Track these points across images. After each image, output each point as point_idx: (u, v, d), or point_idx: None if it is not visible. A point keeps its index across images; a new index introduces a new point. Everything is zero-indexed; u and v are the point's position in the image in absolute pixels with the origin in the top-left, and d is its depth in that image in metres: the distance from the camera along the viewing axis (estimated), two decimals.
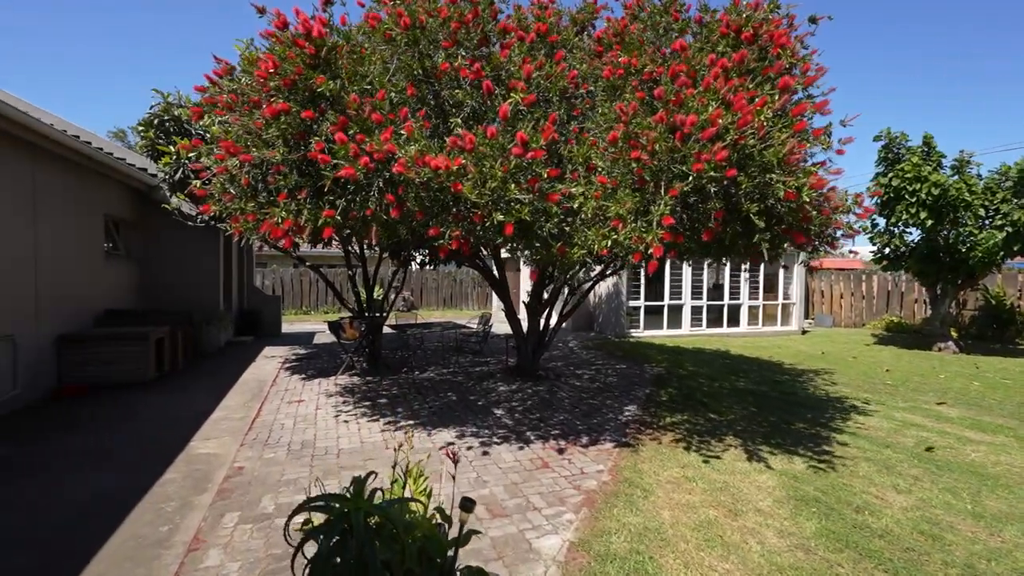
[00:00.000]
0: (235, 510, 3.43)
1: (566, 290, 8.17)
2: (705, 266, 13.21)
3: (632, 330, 12.86)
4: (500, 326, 11.99)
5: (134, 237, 9.10)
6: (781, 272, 14.08)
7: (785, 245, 4.29)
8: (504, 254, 7.34)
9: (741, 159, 3.15)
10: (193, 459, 4.34)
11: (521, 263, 14.20)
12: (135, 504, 3.49)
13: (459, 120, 4.28)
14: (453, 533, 2.04)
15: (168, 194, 7.99)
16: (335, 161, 3.72)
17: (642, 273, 12.54)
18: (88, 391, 6.40)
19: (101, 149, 7.04)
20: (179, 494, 3.67)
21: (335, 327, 7.38)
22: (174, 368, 7.68)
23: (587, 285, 8.00)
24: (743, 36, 3.74)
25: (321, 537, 1.42)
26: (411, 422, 5.44)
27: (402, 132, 3.94)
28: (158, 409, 5.75)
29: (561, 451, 4.66)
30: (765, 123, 3.08)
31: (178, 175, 6.42)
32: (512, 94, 3.95)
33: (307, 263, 8.77)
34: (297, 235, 4.24)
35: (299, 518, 1.58)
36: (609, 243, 3.82)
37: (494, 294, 20.45)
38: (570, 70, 4.44)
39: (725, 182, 3.18)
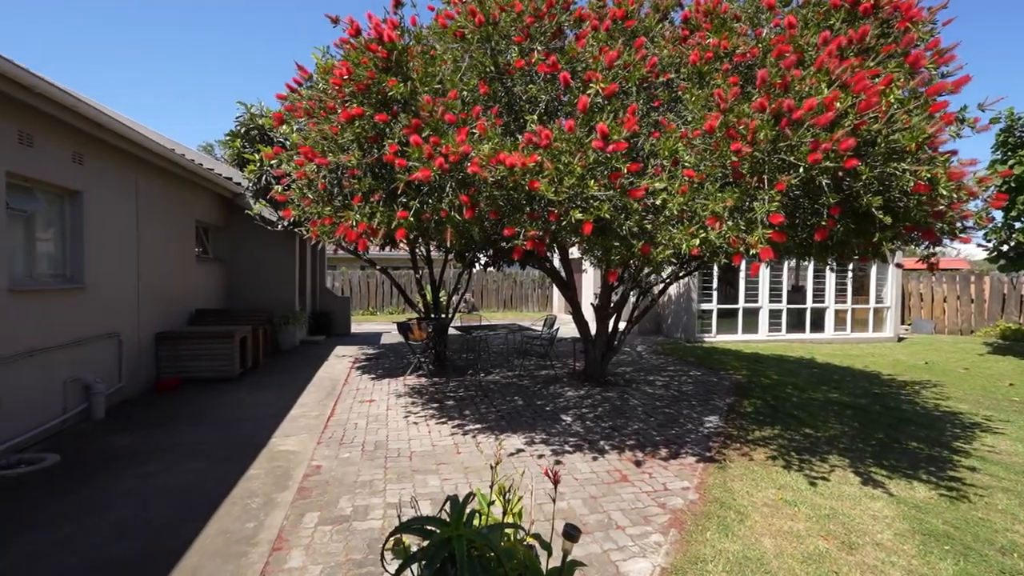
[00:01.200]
0: (315, 510, 3.46)
1: (634, 293, 7.81)
2: (785, 267, 12.28)
3: (704, 334, 12.17)
4: (564, 328, 11.75)
5: (221, 241, 9.73)
6: (873, 272, 12.83)
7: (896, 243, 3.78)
8: (575, 254, 7.11)
9: (861, 147, 2.75)
10: (275, 456, 4.46)
11: (586, 264, 13.89)
12: (223, 498, 3.61)
13: (533, 117, 4.12)
14: (547, 557, 1.87)
15: (252, 201, 8.45)
16: (409, 164, 3.67)
17: (714, 274, 11.85)
18: (181, 385, 6.85)
19: (193, 160, 7.55)
20: (263, 490, 3.77)
21: (403, 328, 7.47)
22: (255, 365, 8.10)
23: (659, 287, 7.60)
24: (860, 8, 3.30)
25: (421, 564, 1.29)
26: (479, 426, 5.35)
27: (475, 131, 3.84)
28: (242, 405, 6.04)
29: (639, 463, 4.37)
30: (892, 105, 2.67)
31: (262, 182, 6.74)
32: (591, 84, 3.74)
33: (376, 265, 8.98)
34: (370, 238, 4.25)
35: (373, 521, 1.47)
36: (698, 242, 3.51)
37: (556, 296, 20.25)
38: (650, 57, 4.16)
39: (840, 173, 2.79)
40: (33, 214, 4.82)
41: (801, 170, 2.77)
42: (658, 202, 3.80)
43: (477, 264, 9.25)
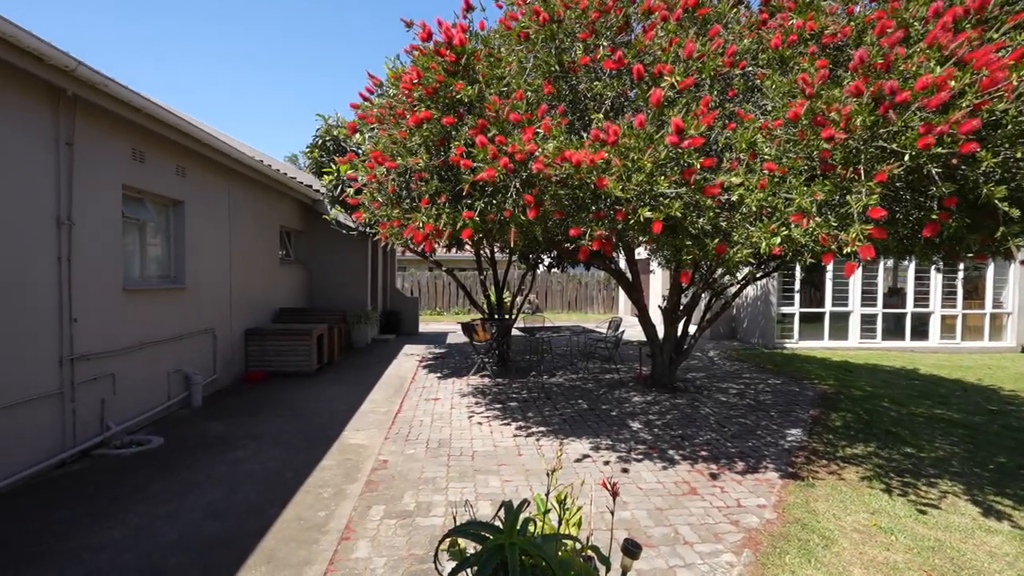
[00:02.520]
0: (381, 503, 3.56)
1: (705, 295, 7.41)
2: (880, 267, 11.15)
3: (784, 340, 11.33)
4: (629, 331, 11.41)
5: (302, 244, 10.41)
6: (990, 273, 11.32)
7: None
8: (641, 254, 6.87)
9: (981, 129, 2.40)
10: (345, 448, 4.67)
11: (653, 265, 13.42)
12: (299, 487, 3.83)
13: (599, 115, 4.01)
14: (605, 571, 1.78)
15: (328, 207, 8.97)
16: (475, 164, 3.70)
17: (797, 275, 11.00)
18: (266, 377, 7.39)
19: (278, 170, 8.14)
20: (334, 481, 3.95)
21: (468, 329, 7.58)
22: (331, 361, 8.57)
23: (733, 289, 7.16)
24: None
25: (474, 570, 1.26)
26: (542, 429, 5.29)
27: (539, 130, 3.80)
28: (318, 398, 6.40)
29: (711, 476, 4.11)
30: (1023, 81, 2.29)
31: (337, 190, 7.14)
32: (666, 77, 3.57)
33: (442, 267, 9.20)
34: (436, 239, 4.33)
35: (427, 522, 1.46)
36: (779, 240, 3.24)
37: (622, 298, 19.76)
38: (728, 46, 3.91)
39: (954, 160, 2.45)
40: (144, 222, 5.39)
41: (906, 158, 2.46)
42: (734, 198, 3.56)
43: (541, 265, 9.21)
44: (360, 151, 5.64)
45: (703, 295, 7.07)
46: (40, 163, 3.91)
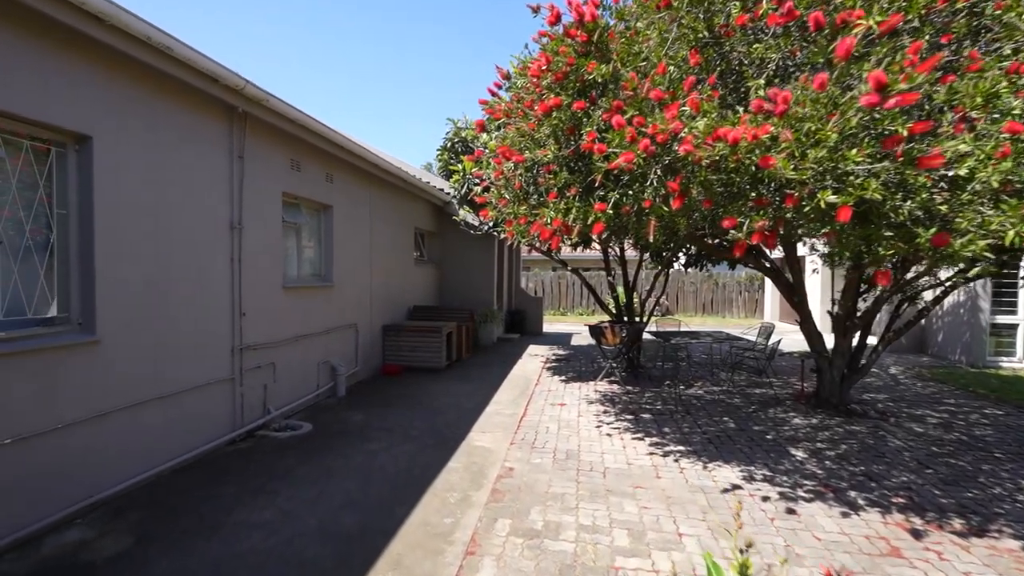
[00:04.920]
0: (507, 517, 3.35)
1: (891, 299, 6.03)
2: None
3: (999, 358, 8.95)
4: (780, 339, 9.95)
5: (433, 245, 10.91)
6: None
7: None
8: (802, 252, 5.83)
9: None
10: (471, 450, 4.59)
11: (809, 261, 11.59)
12: (427, 487, 3.79)
13: (759, 81, 3.34)
14: None
15: (457, 207, 9.22)
16: (609, 150, 3.30)
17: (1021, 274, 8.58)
18: (400, 371, 7.79)
19: (413, 175, 8.56)
20: (460, 486, 3.85)
21: (596, 332, 7.16)
22: (459, 358, 8.77)
23: (931, 293, 5.72)
24: None
25: None
26: (681, 448, 4.68)
27: (685, 108, 3.27)
28: (447, 395, 6.51)
29: (917, 534, 3.19)
30: None
31: (463, 190, 7.25)
32: (857, 23, 2.82)
33: (568, 266, 8.90)
34: (564, 235, 4.01)
35: None
36: None
37: (768, 300, 17.55)
38: None
39: None
40: (299, 226, 5.94)
41: None
42: (962, 172, 2.67)
43: (675, 264, 8.42)
44: (487, 149, 5.57)
45: (889, 300, 5.75)
46: (219, 175, 4.43)
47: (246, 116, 4.62)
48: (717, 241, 6.03)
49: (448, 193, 10.29)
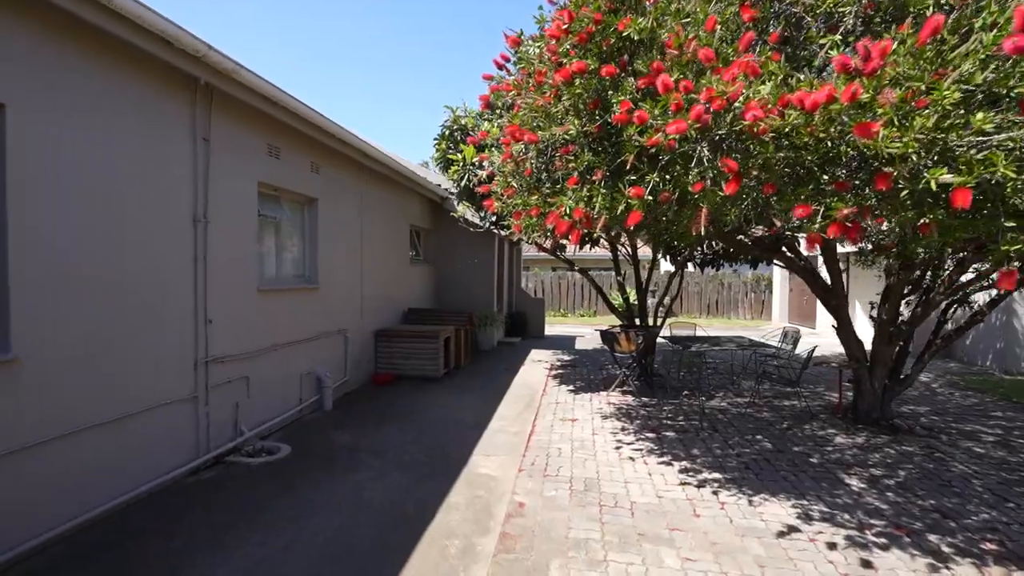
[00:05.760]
0: (520, 574, 2.72)
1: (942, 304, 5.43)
2: None
3: None
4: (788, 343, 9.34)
5: (429, 244, 10.25)
6: None
7: None
8: (844, 247, 5.24)
9: None
10: (474, 479, 3.95)
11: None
12: (422, 531, 3.15)
13: (835, 37, 2.72)
14: None
15: (455, 203, 8.57)
16: (651, 120, 2.67)
17: None
18: (393, 380, 7.13)
19: (408, 168, 7.90)
20: (462, 529, 3.21)
21: (608, 338, 6.54)
22: (457, 365, 8.12)
23: (983, 296, 5.14)
24: None
25: None
26: (717, 476, 4.06)
27: (737, 72, 2.64)
28: (445, 408, 5.86)
29: None
30: None
31: (463, 181, 6.62)
32: None
33: (575, 266, 8.27)
34: (586, 228, 3.38)
35: None
36: None
37: (775, 302, 16.93)
38: None
39: None
40: (279, 221, 5.28)
41: None
42: None
43: (691, 264, 7.80)
44: (492, 134, 4.93)
45: (937, 303, 5.16)
46: (179, 159, 3.77)
47: (212, 91, 3.97)
48: (748, 239, 5.42)
49: (446, 188, 9.66)
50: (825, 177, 2.71)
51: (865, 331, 6.41)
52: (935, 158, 2.29)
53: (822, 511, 3.48)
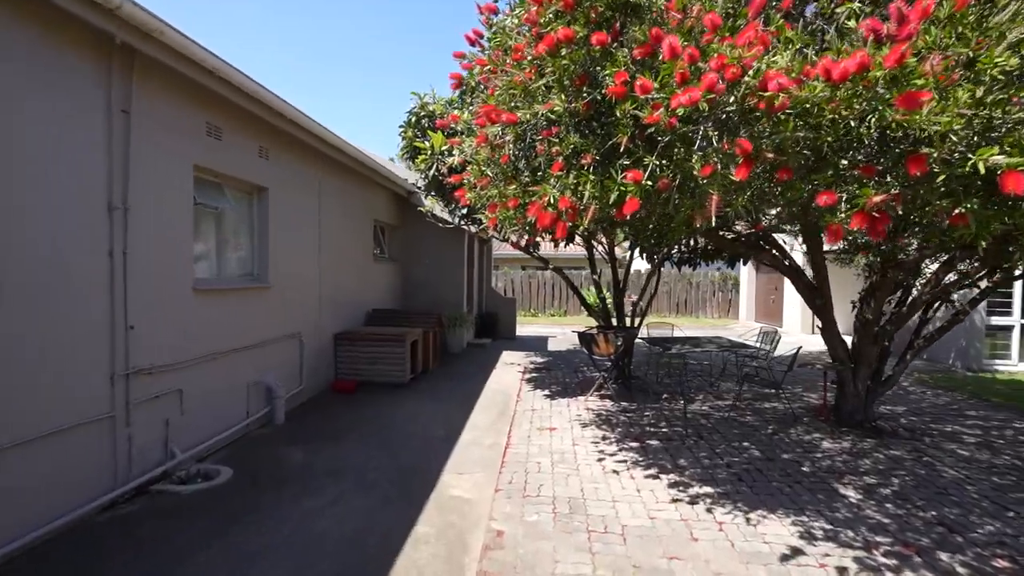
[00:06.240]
0: None
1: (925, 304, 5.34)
2: None
3: (994, 361, 8.60)
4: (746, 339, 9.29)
5: (395, 240, 9.69)
6: None
7: None
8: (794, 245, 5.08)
9: None
10: (445, 504, 3.50)
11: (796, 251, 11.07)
12: (386, 574, 2.69)
13: (853, 5, 2.42)
14: None
15: (423, 196, 8.07)
16: (653, 94, 2.30)
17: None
18: (355, 388, 6.57)
19: (372, 158, 7.33)
20: (432, 567, 2.76)
21: (587, 340, 6.19)
22: (425, 370, 7.63)
23: (965, 293, 5.07)
24: None
25: None
26: (709, 490, 3.76)
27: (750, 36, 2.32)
28: (412, 418, 5.38)
29: None
30: None
31: (432, 172, 6.14)
32: None
33: (549, 265, 7.90)
34: (572, 220, 2.99)
35: None
36: None
37: (742, 302, 17.10)
38: None
39: None
40: (221, 211, 4.68)
41: None
42: None
43: (668, 263, 7.57)
44: (464, 119, 4.49)
45: (922, 302, 5.06)
46: (89, 133, 3.16)
47: (133, 54, 3.37)
48: (734, 234, 5.18)
49: (413, 183, 9.13)
50: (844, 162, 2.41)
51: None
52: (975, 137, 2.02)
53: (824, 529, 3.21)
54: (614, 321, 7.42)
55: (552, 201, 2.96)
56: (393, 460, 4.25)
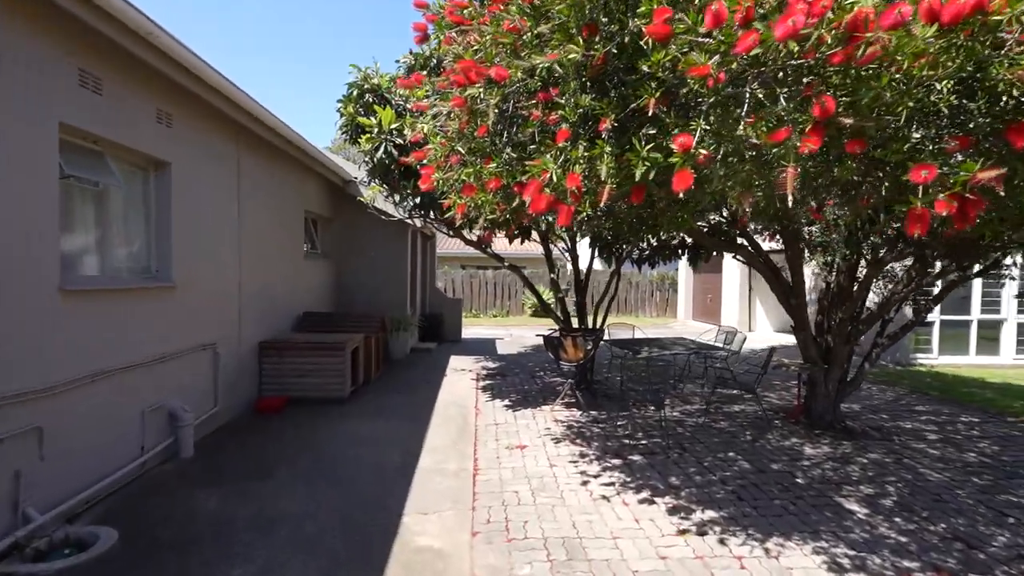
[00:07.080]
0: None
1: (901, 300, 5.35)
2: None
3: (918, 355, 9.17)
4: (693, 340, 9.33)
5: (329, 235, 8.65)
6: None
7: None
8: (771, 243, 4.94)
9: None
10: (413, 561, 2.79)
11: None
12: None
13: None
14: None
15: (365, 185, 7.16)
16: (716, 36, 1.76)
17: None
18: (284, 406, 5.59)
19: (303, 138, 6.33)
20: None
21: (553, 344, 5.67)
22: (367, 380, 6.75)
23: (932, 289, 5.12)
24: None
25: None
26: (713, 514, 3.34)
27: None
28: (358, 442, 4.55)
29: None
30: None
31: (379, 154, 5.33)
32: None
33: (505, 263, 7.30)
34: (580, 202, 2.41)
35: None
36: None
37: (680, 301, 17.47)
38: None
39: None
40: (105, 189, 3.61)
41: None
42: None
43: (630, 262, 7.25)
44: (411, 108, 3.73)
45: (899, 299, 5.03)
46: None
47: None
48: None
49: (352, 175, 8.17)
50: (915, 135, 2.02)
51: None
52: None
53: (849, 555, 2.88)
54: (575, 322, 6.98)
55: (555, 180, 2.36)
56: (339, 500, 3.45)
